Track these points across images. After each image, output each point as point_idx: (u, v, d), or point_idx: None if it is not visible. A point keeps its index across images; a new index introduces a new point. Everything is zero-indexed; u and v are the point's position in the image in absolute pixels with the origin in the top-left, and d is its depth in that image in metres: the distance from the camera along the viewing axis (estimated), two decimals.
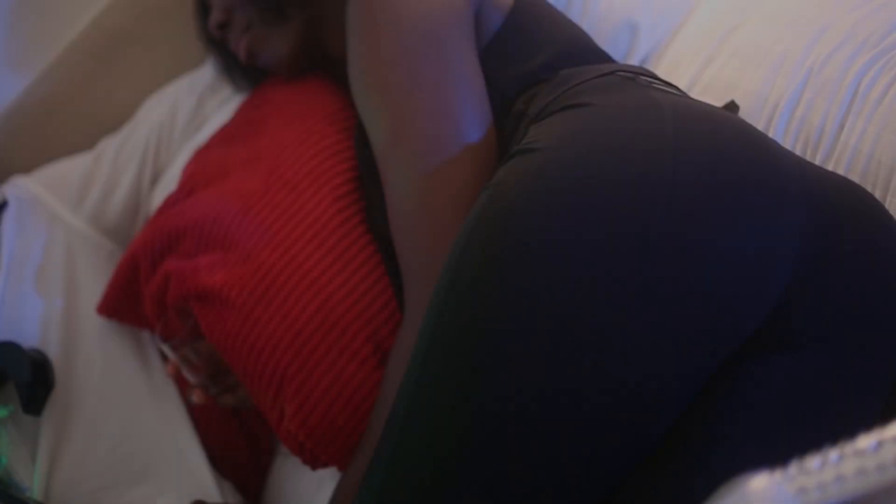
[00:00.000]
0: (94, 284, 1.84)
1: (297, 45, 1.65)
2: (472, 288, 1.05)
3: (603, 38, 1.66)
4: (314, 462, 1.43)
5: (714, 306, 1.01)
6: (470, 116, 1.28)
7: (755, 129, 1.15)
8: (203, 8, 1.82)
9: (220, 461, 1.77)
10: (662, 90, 1.22)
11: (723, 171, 1.03)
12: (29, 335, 1.73)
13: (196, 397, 1.58)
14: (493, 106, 1.33)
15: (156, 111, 2.09)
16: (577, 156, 1.06)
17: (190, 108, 2.07)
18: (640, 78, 1.26)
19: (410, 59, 1.29)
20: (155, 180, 2.05)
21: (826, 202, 1.09)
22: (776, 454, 0.74)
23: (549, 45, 1.38)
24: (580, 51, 1.42)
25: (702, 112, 1.13)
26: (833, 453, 0.63)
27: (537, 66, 1.35)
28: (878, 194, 1.26)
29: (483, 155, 1.28)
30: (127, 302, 1.74)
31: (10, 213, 1.92)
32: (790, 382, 1.05)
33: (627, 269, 0.99)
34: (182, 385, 1.78)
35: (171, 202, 1.70)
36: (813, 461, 0.62)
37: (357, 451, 1.35)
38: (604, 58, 1.45)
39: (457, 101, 1.28)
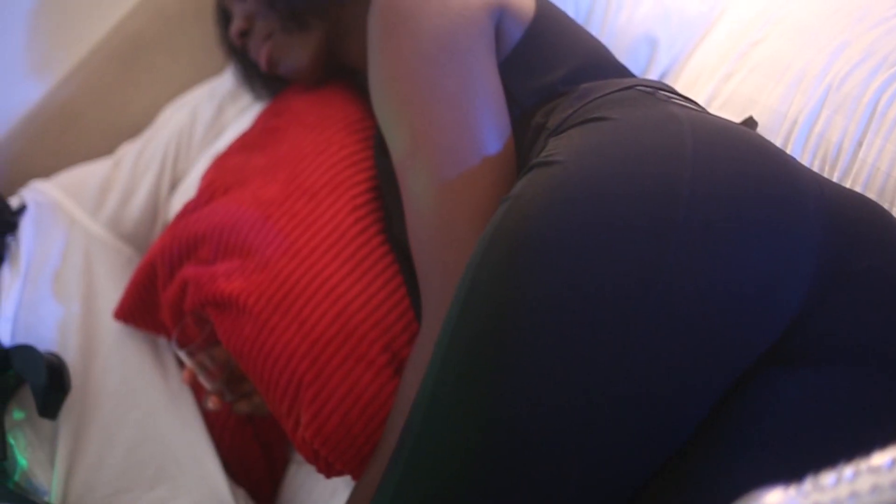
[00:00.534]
0: (111, 290, 1.85)
1: (318, 54, 1.65)
2: (488, 299, 1.05)
3: (622, 52, 1.66)
4: (328, 470, 1.43)
5: (730, 320, 1.01)
6: (489, 129, 1.28)
7: (773, 145, 1.15)
8: (225, 16, 1.83)
9: (234, 468, 1.77)
10: (681, 105, 1.22)
11: (740, 186, 1.03)
12: (46, 339, 1.74)
13: (212, 404, 1.58)
14: (512, 118, 1.34)
15: (176, 118, 2.10)
16: (596, 169, 1.06)
17: (210, 116, 2.09)
18: (659, 93, 1.26)
19: (431, 70, 1.29)
20: (173, 186, 2.07)
21: (843, 219, 1.09)
22: (791, 469, 0.74)
23: (568, 59, 1.38)
24: (599, 64, 1.42)
25: (721, 128, 1.13)
26: (848, 470, 0.63)
27: (557, 79, 1.35)
28: (895, 212, 1.26)
29: (501, 167, 1.28)
30: (144, 307, 1.74)
31: (29, 218, 1.93)
32: (805, 398, 1.05)
33: (644, 284, 0.99)
34: (198, 391, 1.79)
35: (190, 209, 1.71)
36: (828, 477, 0.63)
37: (371, 460, 1.35)
38: (623, 72, 1.45)
39: (476, 114, 1.28)
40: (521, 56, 1.37)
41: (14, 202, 1.98)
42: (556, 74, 1.35)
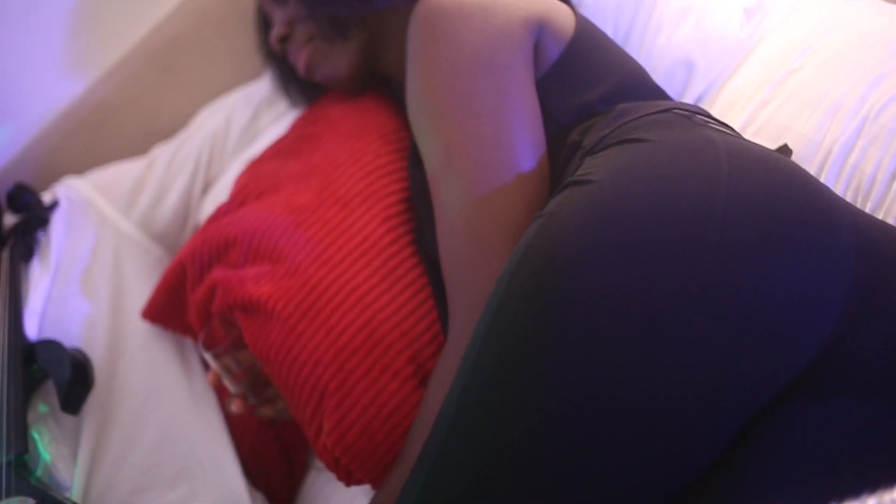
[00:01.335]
0: (140, 289, 1.86)
1: (356, 63, 1.66)
2: (519, 314, 1.05)
3: (660, 75, 1.66)
4: (348, 478, 1.43)
5: (759, 345, 1.00)
6: (523, 145, 1.28)
7: (808, 173, 1.14)
8: (265, 22, 1.84)
9: (253, 471, 1.78)
10: (718, 130, 1.22)
11: (774, 213, 1.03)
12: (73, 336, 1.75)
13: (235, 406, 1.59)
14: (548, 135, 1.34)
15: (211, 121, 2.12)
16: (631, 190, 1.06)
17: (245, 121, 2.10)
18: (696, 117, 1.26)
19: (468, 84, 1.29)
20: (206, 189, 2.08)
21: (875, 250, 1.08)
22: (814, 498, 0.74)
23: (606, 78, 1.38)
24: (636, 85, 1.42)
25: (757, 154, 1.13)
26: (871, 501, 0.63)
27: (594, 98, 1.35)
28: None
29: (534, 184, 1.28)
30: (172, 308, 1.76)
31: (60, 214, 1.94)
32: (833, 428, 1.04)
33: (674, 307, 0.99)
34: (222, 394, 1.80)
35: (223, 212, 1.72)
36: None
37: (392, 469, 1.35)
38: (660, 93, 1.45)
39: (511, 130, 1.28)
40: (560, 73, 1.37)
41: (47, 198, 2.00)
42: (593, 93, 1.35)
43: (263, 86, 2.12)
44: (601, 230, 1.04)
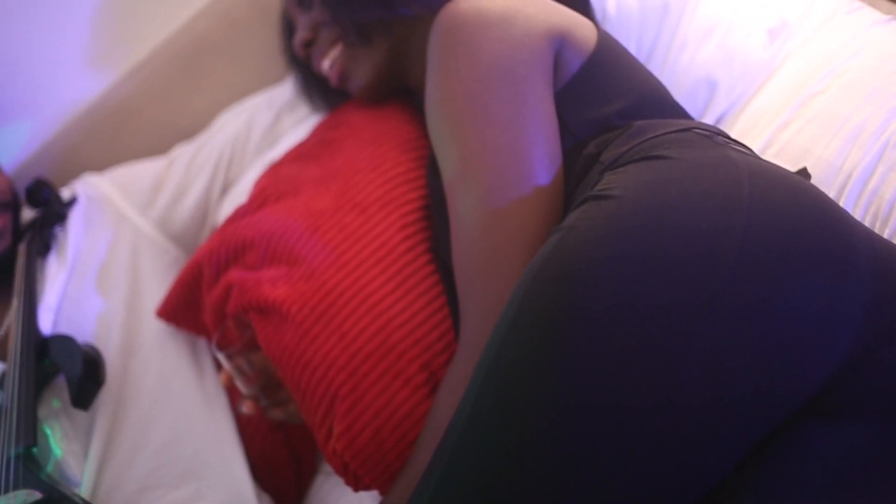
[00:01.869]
0: (156, 288, 1.87)
1: (379, 70, 1.65)
2: (534, 327, 1.05)
3: (681, 93, 1.66)
4: (356, 484, 1.43)
5: (773, 367, 1.00)
6: (540, 157, 1.28)
7: (827, 196, 1.14)
8: (289, 27, 1.85)
9: (262, 473, 1.79)
10: (738, 150, 1.21)
11: (793, 234, 1.03)
12: (87, 333, 1.76)
13: (246, 408, 1.59)
14: (564, 147, 1.33)
15: (232, 123, 2.12)
16: (651, 207, 1.06)
17: (266, 124, 2.10)
18: (716, 137, 1.26)
19: (486, 94, 1.29)
20: (225, 191, 2.08)
21: (893, 275, 1.08)
22: None
23: (626, 93, 1.37)
24: (656, 101, 1.41)
25: (777, 175, 1.12)
26: None
27: (612, 112, 1.34)
28: None
29: (550, 197, 1.28)
30: (187, 308, 1.76)
31: (78, 210, 1.95)
32: (844, 452, 1.04)
33: (689, 325, 0.99)
34: (233, 395, 1.80)
35: (241, 214, 1.72)
36: None
37: (399, 476, 1.35)
38: (680, 112, 1.45)
39: (528, 141, 1.27)
40: (578, 87, 1.36)
41: (65, 194, 2.00)
42: (612, 107, 1.35)
43: (286, 90, 2.13)
44: (619, 244, 1.04)
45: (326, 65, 1.69)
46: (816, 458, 1.04)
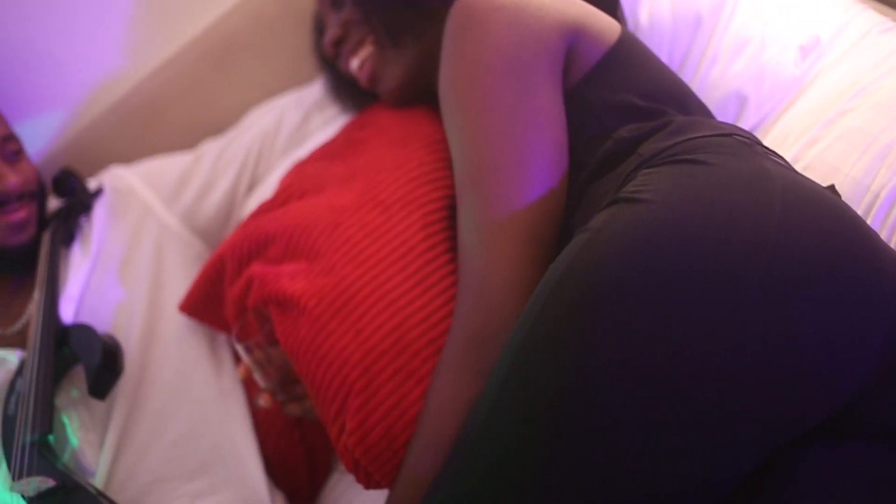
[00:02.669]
0: (178, 282, 1.88)
1: (408, 73, 1.66)
2: (559, 329, 1.05)
3: (712, 106, 1.65)
4: (367, 481, 1.42)
5: (792, 384, 1.00)
6: (537, 147, 1.27)
7: (858, 216, 1.12)
8: (320, 27, 1.85)
9: (276, 469, 1.79)
10: (776, 162, 1.20)
11: (822, 254, 1.02)
12: (109, 324, 1.77)
13: (263, 401, 1.59)
14: (590, 135, 1.33)
15: (261, 121, 2.13)
16: (683, 215, 1.05)
17: (295, 123, 2.11)
18: (755, 146, 1.25)
19: (487, 78, 1.29)
20: (251, 188, 2.09)
21: None
22: None
23: (650, 84, 1.37)
24: (682, 97, 1.41)
25: (811, 191, 1.11)
26: None
27: (637, 95, 1.34)
28: None
29: (545, 186, 1.28)
30: (209, 302, 1.77)
31: (104, 201, 1.96)
32: (855, 471, 1.04)
33: (714, 337, 0.98)
34: (251, 389, 1.81)
35: (265, 209, 1.73)
36: None
37: (396, 480, 1.35)
38: (705, 111, 1.45)
39: (524, 129, 1.27)
40: (601, 74, 1.35)
41: (92, 184, 2.01)
42: (637, 94, 1.34)
43: (315, 90, 2.13)
44: (647, 255, 1.03)
45: (355, 64, 1.70)
46: (827, 477, 1.04)
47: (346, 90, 1.94)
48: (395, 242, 1.46)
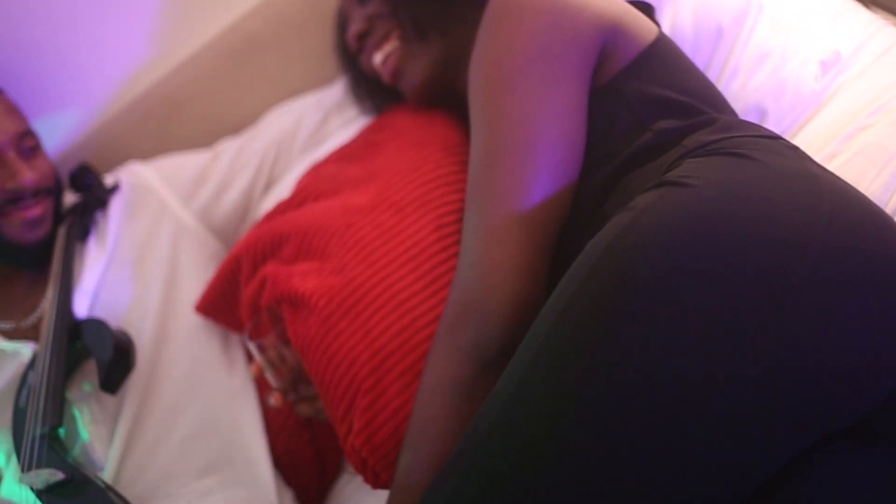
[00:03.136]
0: (193, 280, 1.89)
1: (433, 69, 1.66)
2: (592, 315, 1.03)
3: None
4: (375, 481, 1.42)
5: (828, 386, 0.99)
6: (551, 136, 1.26)
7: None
8: (342, 23, 1.85)
9: (285, 469, 1.79)
10: (821, 166, 1.20)
11: (867, 258, 1.02)
12: (122, 319, 1.77)
13: (274, 400, 1.59)
14: (623, 129, 1.32)
15: (280, 121, 2.13)
16: (731, 205, 1.05)
17: (314, 124, 2.11)
18: (799, 150, 1.25)
19: (515, 62, 1.28)
20: (268, 188, 2.09)
21: None
22: None
23: (685, 81, 1.38)
24: (714, 97, 1.42)
25: (855, 197, 1.11)
26: None
27: (675, 92, 1.34)
28: None
29: (553, 176, 1.27)
30: (224, 302, 1.77)
31: (120, 197, 1.96)
32: (880, 476, 1.03)
33: (753, 330, 0.98)
34: (262, 388, 1.81)
35: (281, 210, 1.73)
36: None
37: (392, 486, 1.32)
38: (734, 113, 1.45)
39: (540, 117, 1.26)
40: (638, 69, 1.35)
41: (109, 180, 2.02)
42: (672, 87, 1.34)
43: (335, 92, 2.14)
44: (692, 239, 1.02)
45: (379, 59, 1.70)
46: (850, 481, 1.03)
47: (367, 90, 1.95)
48: (408, 243, 1.47)
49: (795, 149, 1.24)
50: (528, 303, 1.21)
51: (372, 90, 1.93)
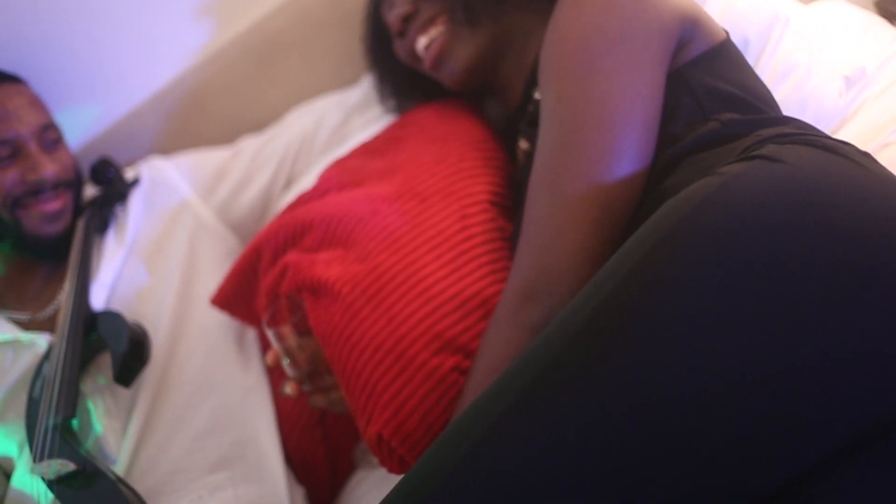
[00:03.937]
0: (210, 275, 1.89)
1: (480, 55, 1.64)
2: (692, 264, 1.01)
3: None
4: (402, 469, 1.41)
5: (882, 384, 0.98)
6: (632, 120, 1.26)
7: None
8: (373, 21, 1.86)
9: (297, 468, 1.79)
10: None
11: None
12: (138, 312, 1.77)
13: (290, 389, 1.58)
14: (688, 120, 1.32)
15: (302, 120, 2.13)
16: (826, 184, 1.04)
17: (335, 124, 2.11)
18: (868, 156, 1.24)
19: (602, 44, 1.29)
20: (287, 186, 2.09)
21: None
22: None
23: (749, 82, 1.38)
24: (774, 102, 1.42)
25: None
26: None
27: (740, 89, 1.34)
28: None
29: (630, 160, 1.27)
30: (241, 296, 1.77)
31: (140, 191, 1.97)
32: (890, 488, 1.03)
33: (831, 312, 0.96)
34: (277, 378, 1.81)
35: (304, 200, 1.74)
36: None
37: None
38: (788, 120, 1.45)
39: (623, 100, 1.26)
40: (707, 62, 1.36)
41: (129, 174, 2.02)
42: (737, 85, 1.35)
43: (357, 92, 2.14)
44: (789, 209, 1.01)
45: (423, 42, 1.69)
46: (861, 491, 1.02)
47: (392, 86, 1.95)
48: (432, 231, 1.47)
49: (867, 154, 1.22)
50: None
51: (397, 87, 1.94)
